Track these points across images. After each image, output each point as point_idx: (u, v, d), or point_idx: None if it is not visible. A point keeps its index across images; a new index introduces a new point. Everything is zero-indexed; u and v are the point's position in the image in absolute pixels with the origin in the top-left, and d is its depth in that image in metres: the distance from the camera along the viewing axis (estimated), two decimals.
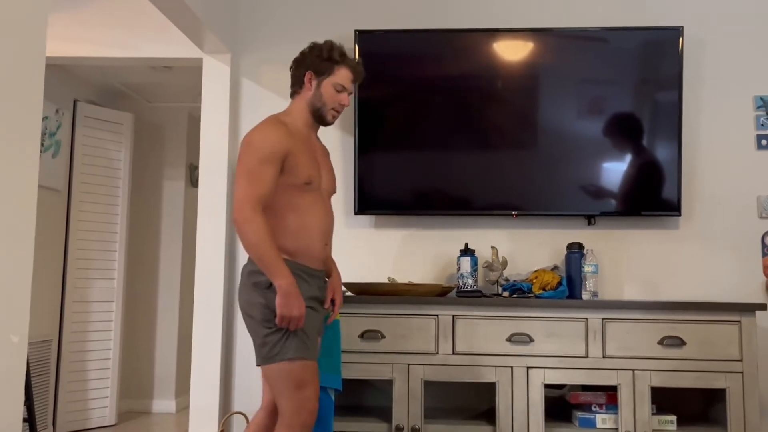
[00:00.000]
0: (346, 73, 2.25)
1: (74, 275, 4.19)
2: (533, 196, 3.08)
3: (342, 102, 2.25)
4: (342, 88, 2.24)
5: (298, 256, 2.16)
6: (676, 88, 3.04)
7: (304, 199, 2.17)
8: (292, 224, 2.16)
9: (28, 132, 1.57)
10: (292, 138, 2.17)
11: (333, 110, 2.26)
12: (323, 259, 2.25)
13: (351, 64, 2.27)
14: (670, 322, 2.66)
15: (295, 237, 2.16)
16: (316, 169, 2.23)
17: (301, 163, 2.15)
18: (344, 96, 2.26)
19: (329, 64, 2.23)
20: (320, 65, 2.23)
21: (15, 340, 1.51)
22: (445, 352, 2.70)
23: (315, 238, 2.19)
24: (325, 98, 2.24)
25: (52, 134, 4.04)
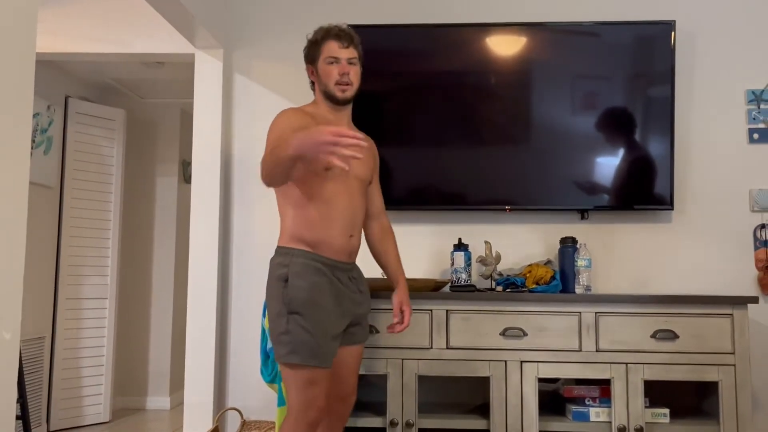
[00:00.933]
0: (331, 44, 2.19)
1: (67, 272, 4.18)
2: (526, 191, 3.08)
3: (341, 71, 2.17)
4: (333, 60, 2.18)
5: (318, 247, 2.10)
6: (669, 82, 3.05)
7: (326, 188, 2.11)
8: (312, 215, 2.10)
9: (18, 128, 1.56)
10: (311, 119, 2.13)
11: (337, 85, 2.18)
12: (349, 251, 2.17)
13: (333, 33, 2.19)
14: (662, 315, 2.67)
15: (315, 228, 2.10)
16: None
17: None
18: (341, 65, 2.17)
19: (315, 47, 2.22)
20: (310, 54, 2.24)
21: (7, 336, 1.50)
22: (439, 347, 2.70)
23: (337, 229, 2.13)
24: (324, 78, 2.19)
25: (44, 131, 4.02)
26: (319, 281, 2.08)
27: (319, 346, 2.04)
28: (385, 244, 2.41)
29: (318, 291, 2.07)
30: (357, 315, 2.23)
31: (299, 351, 2.02)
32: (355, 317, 2.22)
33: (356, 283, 2.24)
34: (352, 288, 2.21)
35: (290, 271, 2.07)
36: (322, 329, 2.06)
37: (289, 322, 2.04)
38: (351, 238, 2.17)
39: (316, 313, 2.05)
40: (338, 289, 2.14)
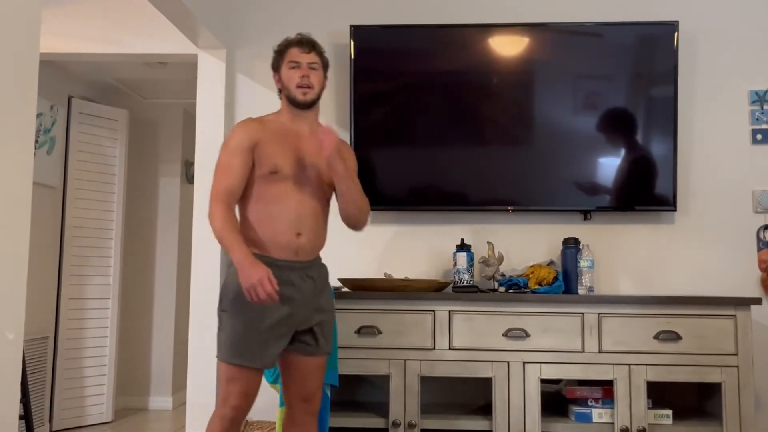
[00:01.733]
0: (292, 50, 2.27)
1: (70, 272, 4.18)
2: (529, 192, 3.08)
3: (300, 74, 2.24)
4: (294, 65, 2.25)
5: (263, 246, 2.16)
6: (672, 83, 3.05)
7: (271, 189, 2.18)
8: (256, 214, 2.18)
9: (22, 128, 1.56)
10: (263, 130, 2.22)
11: (297, 87, 2.24)
12: (295, 248, 2.18)
13: (295, 41, 2.29)
14: (665, 316, 2.66)
15: (260, 227, 2.17)
16: (289, 159, 2.19)
17: (267, 153, 2.17)
18: (302, 69, 2.25)
19: (279, 56, 2.30)
20: (275, 63, 2.32)
21: (10, 336, 1.50)
22: (442, 348, 2.70)
23: (281, 228, 2.16)
24: (286, 82, 2.27)
25: (47, 131, 4.02)
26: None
27: (243, 345, 2.10)
28: None
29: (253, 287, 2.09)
30: (311, 318, 2.20)
31: (222, 348, 2.14)
32: (309, 320, 2.20)
33: (314, 282, 2.23)
34: (307, 288, 2.20)
35: (229, 272, 2.16)
36: (250, 329, 2.11)
37: (221, 318, 2.16)
38: (299, 236, 2.19)
39: (244, 313, 2.11)
40: (281, 292, 2.12)
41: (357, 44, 3.14)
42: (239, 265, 2.02)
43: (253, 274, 1.99)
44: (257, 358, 2.11)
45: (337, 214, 2.33)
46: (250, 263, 2.01)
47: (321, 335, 2.23)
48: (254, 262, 2.02)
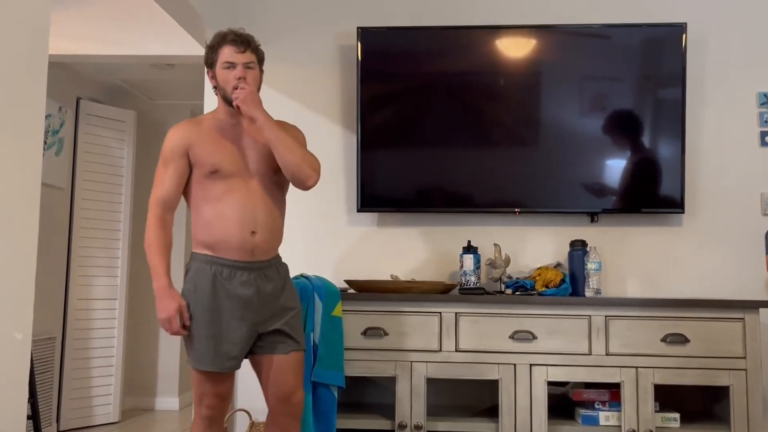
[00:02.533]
0: (226, 48, 2.21)
1: (77, 273, 4.20)
2: (536, 193, 3.07)
3: (235, 76, 2.19)
4: (229, 65, 2.20)
5: (216, 248, 2.15)
6: (680, 84, 3.03)
7: (215, 188, 2.16)
8: (206, 215, 2.16)
9: (31, 130, 1.57)
10: (196, 131, 2.20)
11: (234, 88, 2.19)
12: (251, 248, 2.15)
13: (229, 39, 2.22)
14: (673, 319, 2.65)
15: (210, 229, 2.15)
16: (230, 155, 2.17)
17: (205, 153, 2.16)
18: (237, 70, 2.19)
19: (212, 53, 2.25)
20: (208, 59, 2.27)
21: (19, 337, 1.51)
22: (448, 350, 2.70)
23: (232, 228, 2.14)
24: (221, 82, 2.22)
25: (56, 132, 4.04)
26: (209, 288, 2.14)
27: (204, 350, 2.13)
28: None
29: (203, 297, 2.14)
30: (276, 318, 2.19)
31: (191, 354, 2.17)
32: (274, 320, 2.19)
33: (273, 283, 2.21)
34: (266, 289, 2.18)
35: (186, 277, 2.19)
36: (210, 335, 2.13)
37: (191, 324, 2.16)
38: (253, 234, 2.16)
39: (200, 319, 2.13)
40: (237, 293, 2.14)
41: (364, 46, 3.14)
42: (156, 294, 2.11)
43: (164, 308, 2.09)
44: (220, 362, 2.14)
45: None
46: (165, 295, 2.09)
47: (292, 332, 2.21)
48: (168, 295, 2.09)
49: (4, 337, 1.47)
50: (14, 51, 1.51)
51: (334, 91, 3.30)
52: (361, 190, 3.11)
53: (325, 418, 2.61)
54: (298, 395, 2.22)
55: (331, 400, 2.61)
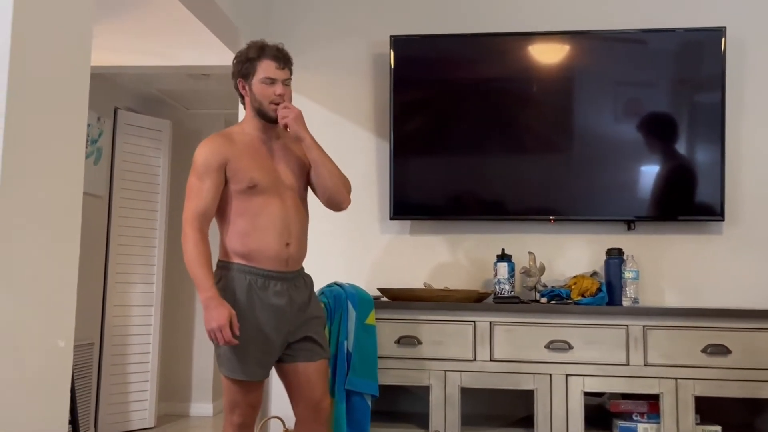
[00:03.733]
0: (267, 63, 2.21)
1: (115, 279, 4.27)
2: (571, 201, 3.04)
3: (276, 92, 2.21)
4: (270, 81, 2.21)
5: (252, 258, 2.17)
6: (719, 89, 2.97)
7: (252, 203, 2.18)
8: (242, 228, 2.17)
9: (73, 141, 1.60)
10: (231, 145, 2.20)
11: (272, 104, 2.22)
12: (285, 259, 2.19)
13: (270, 54, 2.22)
14: (714, 329, 2.59)
15: (246, 240, 2.17)
16: (266, 171, 2.20)
17: (242, 167, 2.17)
18: (276, 87, 2.21)
19: (250, 64, 2.23)
20: (243, 68, 2.25)
21: (61, 344, 1.54)
22: (483, 359, 2.67)
23: (269, 239, 2.16)
24: (258, 97, 2.22)
25: (94, 141, 4.13)
26: (245, 297, 2.15)
27: (237, 360, 2.14)
28: None
29: (243, 307, 2.14)
30: (305, 326, 2.22)
31: (223, 363, 2.16)
32: (304, 329, 2.22)
33: (302, 290, 2.25)
34: (298, 298, 2.22)
35: (219, 286, 2.15)
36: (243, 344, 2.13)
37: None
38: (288, 246, 2.20)
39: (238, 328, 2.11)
40: (271, 303, 2.16)
41: (397, 54, 3.14)
42: (204, 304, 2.08)
43: (215, 317, 2.04)
44: (253, 372, 2.16)
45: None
46: (215, 305, 2.05)
47: (320, 339, 2.25)
48: (219, 304, 2.06)
49: (47, 345, 1.50)
50: (58, 64, 1.55)
51: (366, 99, 3.31)
52: (393, 198, 3.11)
53: (358, 427, 2.60)
54: (326, 402, 2.26)
55: (364, 408, 2.61)
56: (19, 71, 1.40)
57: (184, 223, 2.16)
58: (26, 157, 1.43)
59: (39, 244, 1.47)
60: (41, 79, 1.48)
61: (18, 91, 1.40)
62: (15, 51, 1.39)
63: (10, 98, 1.37)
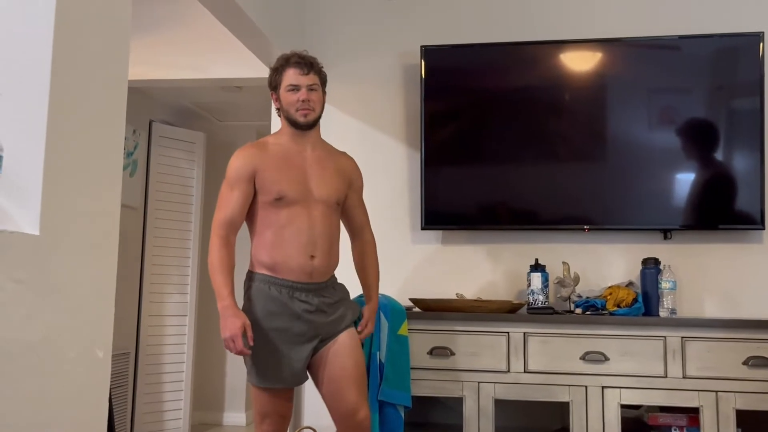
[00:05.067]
0: (290, 71, 2.25)
1: (150, 290, 4.33)
2: (605, 210, 3.00)
3: (300, 98, 2.22)
4: (293, 87, 2.23)
5: (276, 269, 2.19)
6: (758, 94, 2.92)
7: (280, 214, 2.20)
8: (268, 239, 2.20)
9: (112, 154, 1.63)
10: (262, 156, 2.22)
11: (297, 110, 2.24)
12: (309, 271, 2.20)
13: (293, 61, 2.25)
14: (755, 341, 2.53)
15: (272, 251, 2.19)
16: (295, 183, 2.21)
17: (270, 179, 2.19)
18: (301, 93, 2.23)
19: (276, 75, 2.29)
20: (272, 81, 2.31)
21: (100, 355, 1.56)
22: (517, 371, 2.64)
23: (293, 251, 2.18)
24: (285, 104, 2.26)
25: (130, 154, 4.20)
26: (269, 306, 2.17)
27: (262, 368, 2.15)
28: (363, 261, 2.44)
29: (267, 316, 2.16)
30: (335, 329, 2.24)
31: (250, 372, 2.18)
32: (332, 333, 2.23)
33: (330, 297, 2.25)
34: (326, 308, 2.22)
35: (245, 296, 2.22)
36: (270, 351, 2.15)
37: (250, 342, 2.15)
38: (312, 259, 2.21)
39: (264, 337, 2.15)
40: (297, 312, 2.18)
41: (427, 64, 3.15)
42: (221, 313, 2.11)
43: (228, 327, 2.08)
44: (284, 378, 2.17)
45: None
46: (230, 314, 2.10)
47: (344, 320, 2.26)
48: (234, 314, 2.10)
49: (87, 356, 1.52)
50: (97, 80, 1.58)
51: (397, 109, 3.32)
52: (425, 208, 3.10)
53: None
54: (361, 413, 2.20)
55: (397, 419, 2.60)
56: (60, 86, 1.43)
57: (211, 232, 2.22)
58: (66, 169, 1.46)
59: (78, 254, 1.50)
60: (81, 94, 1.51)
61: (59, 105, 1.43)
62: (56, 66, 1.42)
63: (51, 112, 1.41)
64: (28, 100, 1.41)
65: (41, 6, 1.42)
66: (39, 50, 1.41)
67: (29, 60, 1.41)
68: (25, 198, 1.37)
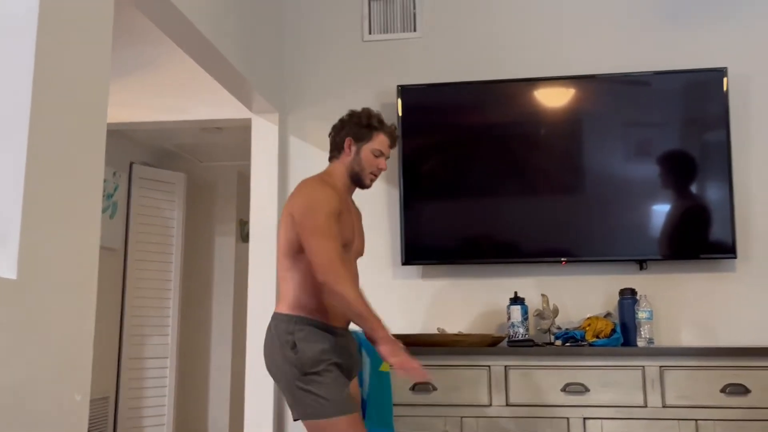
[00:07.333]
0: (383, 138, 2.33)
1: (130, 332, 4.29)
2: (582, 242, 3.05)
3: (380, 166, 2.33)
4: (380, 153, 2.32)
5: (320, 314, 2.19)
6: (724, 127, 3.00)
7: None
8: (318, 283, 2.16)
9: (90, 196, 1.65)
10: (340, 199, 2.24)
11: (371, 174, 2.33)
12: (347, 318, 2.25)
13: (388, 131, 2.35)
14: (732, 368, 2.56)
15: (320, 295, 2.18)
16: (352, 232, 2.29)
17: (345, 225, 2.22)
18: (382, 160, 2.33)
19: (368, 131, 2.32)
20: (359, 132, 2.32)
21: (78, 398, 1.55)
22: (499, 404, 2.65)
23: None
24: (363, 163, 2.31)
25: (110, 196, 4.20)
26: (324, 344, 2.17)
27: (343, 397, 2.14)
28: None
29: (327, 351, 2.16)
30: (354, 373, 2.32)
31: (331, 406, 2.11)
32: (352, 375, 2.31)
33: (353, 344, 2.33)
34: (350, 351, 2.29)
35: (296, 338, 2.14)
36: (340, 383, 2.15)
37: (309, 383, 2.11)
38: None
39: (330, 370, 2.14)
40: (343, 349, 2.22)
41: (404, 102, 3.21)
42: (390, 341, 2.09)
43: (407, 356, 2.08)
44: (355, 404, 2.19)
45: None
46: (393, 340, 2.09)
47: None
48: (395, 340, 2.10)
49: (64, 399, 1.52)
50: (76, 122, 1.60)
51: None
52: (405, 244, 3.13)
53: None
54: None
55: None
56: (38, 129, 1.46)
57: (332, 265, 2.08)
58: (45, 213, 1.47)
59: (56, 297, 1.51)
60: (59, 138, 1.53)
61: (37, 148, 1.45)
62: (35, 108, 1.45)
63: (30, 155, 1.43)
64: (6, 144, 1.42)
65: (20, 50, 1.45)
66: (18, 94, 1.44)
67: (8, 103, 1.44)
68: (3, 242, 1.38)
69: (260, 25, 3.20)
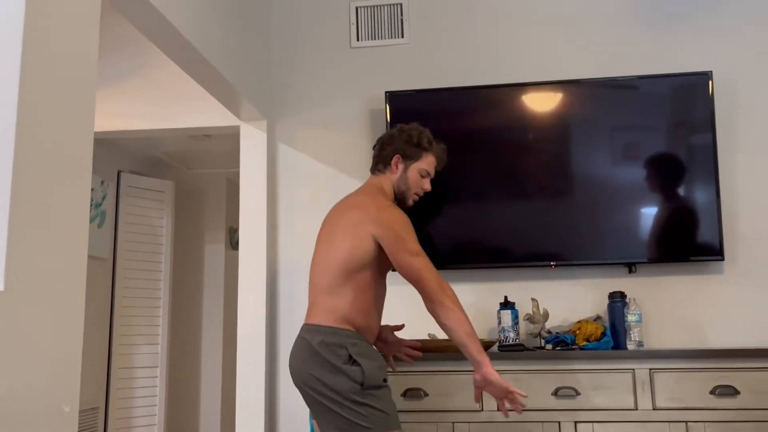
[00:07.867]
0: (432, 159, 2.34)
1: (120, 342, 4.26)
2: (571, 246, 3.06)
3: (425, 187, 2.34)
4: (426, 174, 2.33)
5: (363, 331, 2.20)
6: (710, 130, 3.03)
7: (380, 282, 2.26)
8: (368, 302, 2.20)
9: (78, 205, 1.64)
10: None
11: (415, 194, 2.34)
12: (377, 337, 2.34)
13: (437, 152, 2.35)
14: (721, 370, 2.58)
15: (368, 314, 2.20)
16: None
17: None
18: (427, 181, 2.34)
19: (418, 150, 2.32)
20: (409, 150, 2.31)
21: (66, 409, 1.54)
22: (490, 409, 2.65)
23: (377, 318, 2.28)
24: (410, 182, 2.32)
25: (98, 205, 4.18)
26: (380, 360, 2.20)
27: (396, 413, 2.17)
28: None
29: (384, 368, 2.20)
30: None
31: (388, 421, 2.11)
32: None
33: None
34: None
35: (352, 352, 2.11)
36: (392, 400, 2.19)
37: (367, 397, 2.08)
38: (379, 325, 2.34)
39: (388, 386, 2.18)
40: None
41: (392, 108, 3.22)
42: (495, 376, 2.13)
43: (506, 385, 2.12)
44: None
45: None
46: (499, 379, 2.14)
47: None
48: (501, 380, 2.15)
49: (52, 410, 1.50)
50: (62, 131, 1.60)
51: (364, 153, 3.36)
52: None
53: None
54: None
55: None
56: (24, 138, 1.45)
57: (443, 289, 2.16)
58: (32, 223, 1.46)
59: (44, 308, 1.50)
60: (46, 146, 1.52)
61: (24, 157, 1.44)
62: (21, 118, 1.44)
63: (17, 165, 1.42)
64: None
65: (6, 58, 1.44)
66: (3, 103, 1.43)
67: None
68: None
69: (247, 32, 3.20)
